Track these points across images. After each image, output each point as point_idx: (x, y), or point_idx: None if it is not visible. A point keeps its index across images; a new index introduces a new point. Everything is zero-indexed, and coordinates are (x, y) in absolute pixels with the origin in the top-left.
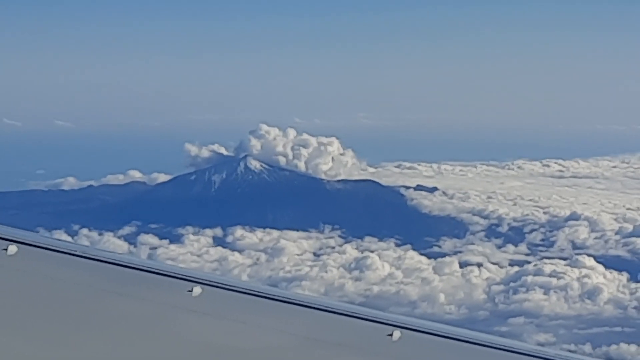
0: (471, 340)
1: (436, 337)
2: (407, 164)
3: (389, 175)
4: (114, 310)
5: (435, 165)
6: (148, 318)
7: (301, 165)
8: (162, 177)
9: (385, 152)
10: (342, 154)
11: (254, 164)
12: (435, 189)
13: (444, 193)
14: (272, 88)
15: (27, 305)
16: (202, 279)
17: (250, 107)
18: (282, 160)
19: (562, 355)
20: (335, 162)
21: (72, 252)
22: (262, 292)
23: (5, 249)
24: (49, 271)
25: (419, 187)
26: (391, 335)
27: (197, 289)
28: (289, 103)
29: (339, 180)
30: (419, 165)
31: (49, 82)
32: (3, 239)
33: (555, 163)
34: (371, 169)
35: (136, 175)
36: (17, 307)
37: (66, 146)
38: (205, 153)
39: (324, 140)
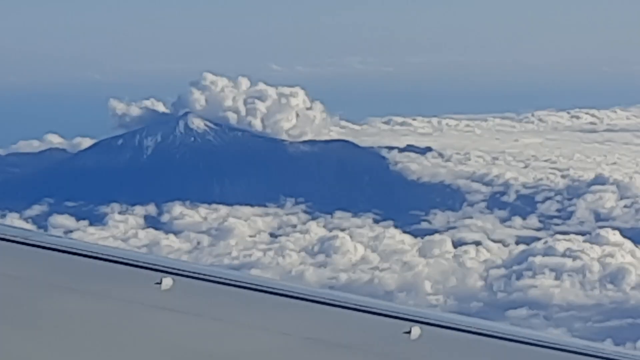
0: (506, 335)
1: (463, 334)
2: (399, 119)
3: (374, 134)
4: (65, 308)
5: (435, 120)
6: (108, 318)
7: (257, 123)
8: (87, 142)
9: (376, 104)
10: (308, 108)
11: (197, 123)
12: (428, 149)
13: (439, 154)
14: (245, 30)
15: None
16: (174, 268)
17: (212, 53)
18: (232, 118)
19: (597, 347)
20: (301, 119)
21: (15, 239)
22: (248, 283)
23: None
24: None
25: (408, 148)
26: (409, 332)
27: (168, 281)
28: (265, 48)
29: (304, 142)
30: (413, 120)
31: None
32: None
33: (587, 114)
34: (354, 127)
35: (55, 140)
36: None
37: None
38: (135, 111)
39: (286, 90)
